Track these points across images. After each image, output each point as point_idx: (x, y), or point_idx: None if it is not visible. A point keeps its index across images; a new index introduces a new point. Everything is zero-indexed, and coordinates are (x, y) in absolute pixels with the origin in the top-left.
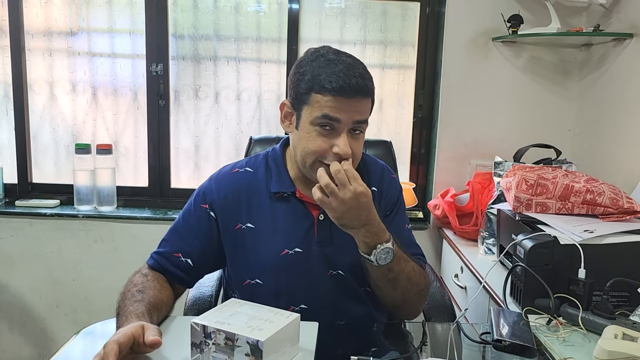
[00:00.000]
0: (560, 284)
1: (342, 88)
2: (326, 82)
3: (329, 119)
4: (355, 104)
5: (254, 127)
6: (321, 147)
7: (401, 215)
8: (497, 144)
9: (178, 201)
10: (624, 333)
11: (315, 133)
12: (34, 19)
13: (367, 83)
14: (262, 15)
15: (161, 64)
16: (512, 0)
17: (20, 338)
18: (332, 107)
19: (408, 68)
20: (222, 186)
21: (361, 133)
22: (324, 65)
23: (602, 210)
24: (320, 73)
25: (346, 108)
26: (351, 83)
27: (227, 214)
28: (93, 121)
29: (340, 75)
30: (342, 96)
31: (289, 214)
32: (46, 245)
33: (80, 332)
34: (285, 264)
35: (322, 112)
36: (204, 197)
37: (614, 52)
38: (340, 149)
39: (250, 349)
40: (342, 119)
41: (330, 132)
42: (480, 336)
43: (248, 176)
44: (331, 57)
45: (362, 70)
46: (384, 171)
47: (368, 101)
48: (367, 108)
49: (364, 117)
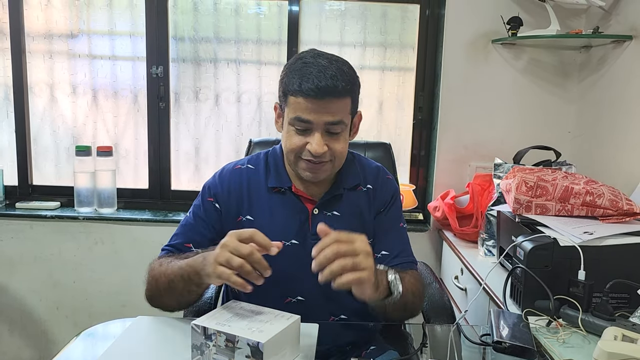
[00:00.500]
0: (560, 285)
1: (311, 90)
2: (297, 84)
3: (300, 121)
4: (325, 105)
5: (254, 129)
6: (297, 145)
7: (394, 213)
8: (497, 145)
9: (178, 203)
10: (623, 335)
11: (292, 132)
12: (34, 22)
13: (337, 84)
14: (262, 18)
15: (161, 66)
16: (511, 3)
17: (20, 340)
18: (303, 109)
19: (408, 70)
20: (225, 181)
21: (340, 133)
22: (299, 68)
23: (601, 212)
24: (294, 76)
25: (316, 109)
26: (320, 85)
27: (230, 206)
28: (93, 123)
29: (311, 77)
30: (312, 98)
31: (285, 207)
32: (46, 248)
33: (80, 334)
34: (282, 255)
35: (294, 114)
36: (209, 191)
37: (614, 54)
38: (312, 147)
39: (250, 350)
40: (313, 120)
41: (306, 131)
42: (480, 338)
43: (249, 172)
44: (308, 60)
45: (335, 71)
46: (379, 171)
47: (341, 102)
48: (339, 109)
49: (335, 119)
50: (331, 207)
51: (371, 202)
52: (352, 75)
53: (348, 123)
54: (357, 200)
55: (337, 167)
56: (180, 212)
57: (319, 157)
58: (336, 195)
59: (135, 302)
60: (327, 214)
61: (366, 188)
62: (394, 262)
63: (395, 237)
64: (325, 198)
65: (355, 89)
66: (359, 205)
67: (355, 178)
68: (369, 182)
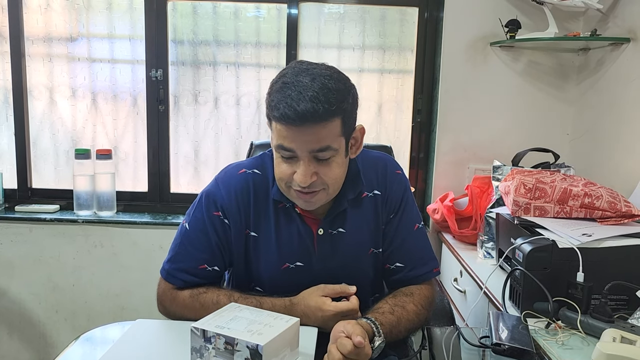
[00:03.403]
0: (559, 287)
1: (287, 116)
2: (275, 110)
3: (283, 149)
4: (307, 132)
5: (253, 132)
6: (285, 174)
7: (408, 215)
8: (496, 148)
9: (178, 206)
10: (622, 336)
11: (279, 159)
12: (34, 25)
13: (318, 107)
14: (261, 21)
15: (161, 70)
16: (510, 5)
17: (19, 343)
18: (284, 136)
19: (407, 73)
20: (232, 191)
21: (331, 159)
22: (277, 90)
23: (600, 214)
24: (273, 99)
25: (297, 137)
26: (297, 110)
27: (239, 220)
28: (93, 126)
29: (288, 101)
30: (291, 125)
31: (290, 226)
32: (46, 251)
33: (79, 338)
34: (287, 277)
35: (277, 142)
36: (215, 204)
37: (611, 56)
38: (297, 178)
39: (250, 353)
40: (295, 148)
41: (292, 159)
42: (480, 340)
43: (255, 178)
44: (287, 79)
45: (317, 90)
46: (386, 167)
47: (327, 126)
48: (325, 134)
49: (321, 145)
50: (336, 224)
51: (380, 210)
52: (340, 91)
53: (339, 147)
54: (363, 211)
55: (333, 193)
56: (179, 215)
57: (308, 188)
58: (340, 212)
59: (134, 305)
60: (333, 232)
61: (372, 194)
62: (409, 275)
63: (410, 245)
64: (329, 217)
65: (345, 107)
66: (366, 216)
67: (356, 186)
68: (375, 187)
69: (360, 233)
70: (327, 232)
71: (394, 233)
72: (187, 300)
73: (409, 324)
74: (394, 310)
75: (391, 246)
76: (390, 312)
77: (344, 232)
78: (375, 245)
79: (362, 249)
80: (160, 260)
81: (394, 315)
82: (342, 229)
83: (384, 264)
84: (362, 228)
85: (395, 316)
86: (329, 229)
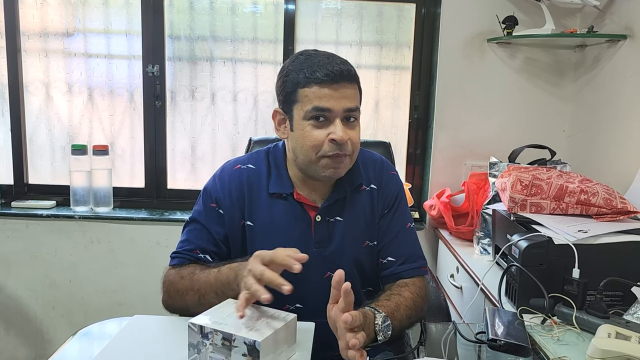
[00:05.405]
0: (555, 283)
1: (327, 75)
2: (310, 73)
3: (319, 110)
4: (342, 90)
5: (250, 128)
6: (318, 139)
7: (401, 214)
8: (493, 144)
9: (175, 202)
10: (617, 332)
11: (309, 127)
12: (29, 20)
13: (349, 68)
14: (258, 16)
15: (157, 65)
16: (507, 2)
17: (16, 339)
18: (321, 97)
19: (404, 69)
20: (226, 184)
21: (356, 121)
22: (304, 60)
23: (596, 211)
24: (303, 68)
25: (334, 95)
26: (334, 70)
27: (233, 211)
28: (89, 122)
29: (322, 65)
30: (328, 83)
31: (287, 214)
32: (42, 247)
33: (76, 334)
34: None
35: (312, 105)
36: (211, 196)
37: (608, 53)
38: (336, 135)
39: (247, 349)
40: (332, 107)
41: (324, 122)
42: (476, 336)
43: (250, 173)
44: (310, 53)
45: (342, 59)
46: (383, 166)
47: (355, 88)
48: (355, 95)
49: (353, 104)
50: (334, 212)
51: (375, 203)
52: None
53: (360, 112)
54: (361, 203)
55: (353, 161)
56: (176, 211)
57: (343, 148)
58: (338, 199)
59: (131, 301)
60: (330, 220)
61: (369, 188)
62: (400, 269)
63: (402, 240)
64: (327, 203)
65: (359, 80)
66: (363, 207)
67: (357, 177)
68: (372, 181)
69: (357, 223)
70: (325, 219)
71: (387, 227)
72: (172, 275)
73: (407, 310)
74: (391, 297)
75: (384, 239)
76: (386, 299)
77: (342, 221)
78: (370, 238)
79: (357, 240)
80: (157, 256)
81: (392, 302)
82: (340, 218)
83: (377, 258)
84: (358, 219)
85: (393, 302)
86: (326, 216)
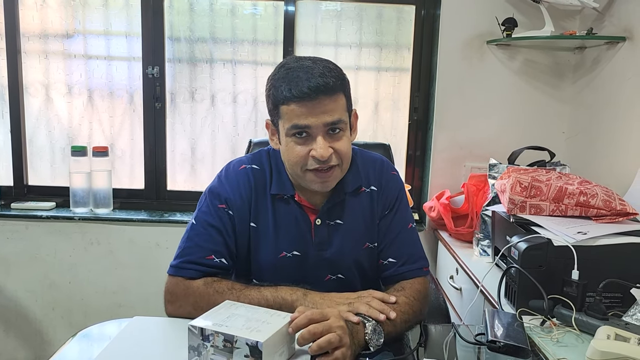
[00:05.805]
0: (554, 285)
1: (303, 93)
2: (286, 91)
3: (298, 128)
4: (320, 106)
5: (250, 129)
6: (300, 156)
7: (402, 214)
8: (492, 146)
9: (174, 203)
10: (616, 334)
11: (292, 143)
12: (29, 22)
13: (328, 80)
14: (258, 18)
15: (157, 67)
16: (506, 4)
17: (16, 341)
18: (299, 115)
19: (403, 71)
20: (234, 184)
21: (341, 132)
22: (284, 75)
23: (595, 212)
24: (281, 84)
25: (313, 112)
26: (311, 85)
27: (243, 211)
28: (89, 123)
29: (300, 80)
30: (304, 101)
31: (288, 216)
32: (42, 248)
33: (76, 335)
34: (283, 266)
35: (291, 123)
36: (220, 197)
37: (607, 55)
38: (316, 152)
39: (249, 350)
40: (311, 124)
41: (307, 138)
42: (475, 337)
43: (254, 173)
44: (291, 65)
45: (322, 69)
46: (383, 167)
47: (336, 100)
48: (336, 107)
49: (334, 118)
50: (333, 215)
51: (375, 205)
52: (340, 71)
53: (347, 121)
54: (360, 205)
55: (345, 170)
56: (176, 213)
57: (326, 162)
58: (338, 202)
59: (131, 303)
60: (330, 223)
61: (369, 189)
62: (401, 269)
63: (403, 241)
64: (327, 206)
65: (346, 85)
66: (363, 209)
67: (356, 180)
68: (372, 182)
69: (357, 226)
70: (325, 222)
71: (387, 228)
72: (201, 288)
73: (403, 315)
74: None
75: (384, 241)
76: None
77: (342, 224)
78: (370, 240)
79: (358, 242)
80: (157, 258)
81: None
82: (340, 221)
83: (378, 259)
84: (358, 221)
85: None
86: (326, 219)
